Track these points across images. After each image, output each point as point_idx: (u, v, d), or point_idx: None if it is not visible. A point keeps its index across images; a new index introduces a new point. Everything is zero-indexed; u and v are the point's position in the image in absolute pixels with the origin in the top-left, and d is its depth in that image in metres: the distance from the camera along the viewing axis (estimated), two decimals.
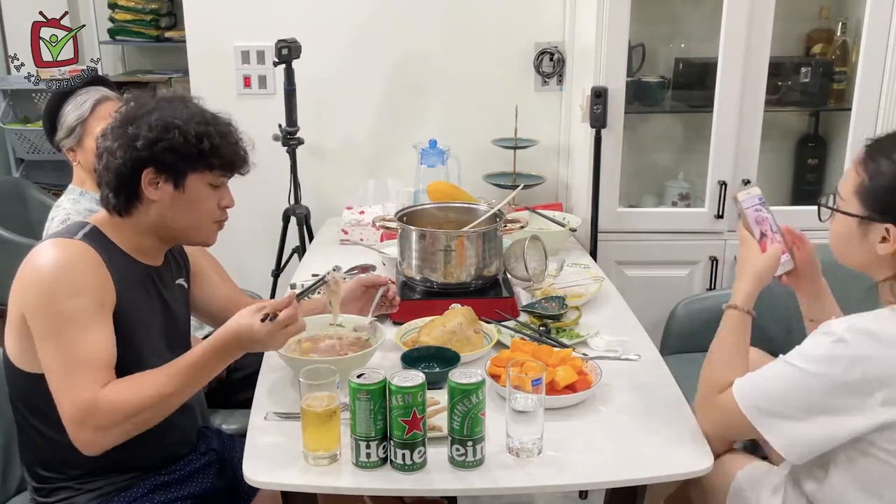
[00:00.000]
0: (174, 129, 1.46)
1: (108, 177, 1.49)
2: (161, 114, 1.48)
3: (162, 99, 1.53)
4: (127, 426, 1.39)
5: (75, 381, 1.37)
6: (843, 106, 2.73)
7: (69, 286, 1.40)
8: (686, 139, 3.00)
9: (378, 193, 2.85)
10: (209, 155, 1.50)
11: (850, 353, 1.27)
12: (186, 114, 1.49)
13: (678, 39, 2.93)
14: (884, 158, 1.33)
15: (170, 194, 1.50)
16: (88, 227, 1.51)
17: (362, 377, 1.36)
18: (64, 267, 1.42)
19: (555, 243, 2.43)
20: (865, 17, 2.52)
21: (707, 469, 1.39)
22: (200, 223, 1.57)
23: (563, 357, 1.63)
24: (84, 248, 1.45)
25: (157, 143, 1.46)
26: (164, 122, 1.46)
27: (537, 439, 1.41)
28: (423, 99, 3.00)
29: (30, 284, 1.42)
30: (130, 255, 1.54)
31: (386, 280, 1.92)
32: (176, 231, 1.56)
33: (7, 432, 1.65)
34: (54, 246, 1.45)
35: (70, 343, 1.38)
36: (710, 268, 2.73)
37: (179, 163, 1.49)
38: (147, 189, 1.49)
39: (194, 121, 1.49)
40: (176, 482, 1.59)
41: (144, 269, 1.56)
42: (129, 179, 1.48)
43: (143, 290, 1.55)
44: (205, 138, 1.49)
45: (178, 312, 1.66)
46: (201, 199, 1.54)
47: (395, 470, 1.37)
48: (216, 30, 2.93)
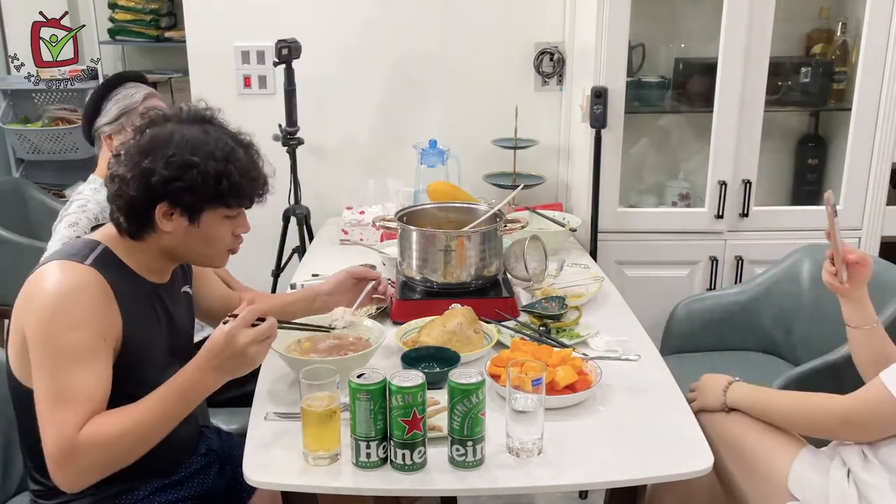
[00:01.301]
0: (192, 169, 1.40)
1: (119, 203, 1.44)
2: (178, 147, 1.41)
3: (181, 123, 1.46)
4: (108, 462, 1.37)
5: (60, 419, 1.34)
6: (843, 106, 2.73)
7: (71, 319, 1.36)
8: (686, 139, 3.00)
9: (378, 193, 2.85)
10: (227, 195, 1.46)
11: None
12: (206, 148, 1.43)
13: (678, 39, 2.93)
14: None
15: (184, 227, 1.46)
16: (100, 248, 1.46)
17: (362, 377, 1.36)
18: (67, 297, 1.37)
19: (555, 243, 2.43)
20: (865, 17, 2.53)
21: (707, 469, 1.39)
22: (212, 252, 1.54)
23: (563, 357, 1.63)
24: (92, 277, 1.40)
25: (173, 182, 1.41)
26: (181, 161, 1.40)
27: (537, 439, 1.41)
28: (423, 99, 3.00)
29: (32, 308, 1.39)
30: (140, 274, 1.51)
31: (377, 275, 1.89)
32: (187, 257, 1.55)
33: (7, 432, 1.65)
34: (63, 270, 1.40)
35: (62, 378, 1.35)
36: (710, 268, 2.73)
37: (196, 201, 1.44)
38: (161, 221, 1.45)
39: (213, 157, 1.42)
40: (176, 483, 1.59)
41: (153, 288, 1.54)
42: (142, 210, 1.44)
43: (150, 310, 1.53)
44: (224, 178, 1.43)
45: (182, 324, 1.64)
46: (215, 233, 1.50)
47: (395, 470, 1.37)
48: (216, 30, 2.93)
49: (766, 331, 2.41)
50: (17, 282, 1.47)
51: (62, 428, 1.33)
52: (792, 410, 1.60)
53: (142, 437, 1.38)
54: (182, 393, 1.39)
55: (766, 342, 2.43)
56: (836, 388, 1.57)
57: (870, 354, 1.63)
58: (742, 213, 2.68)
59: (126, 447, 1.37)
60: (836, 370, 1.75)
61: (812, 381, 1.89)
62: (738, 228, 2.71)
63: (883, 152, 2.63)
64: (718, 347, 2.43)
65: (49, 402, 1.35)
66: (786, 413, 1.60)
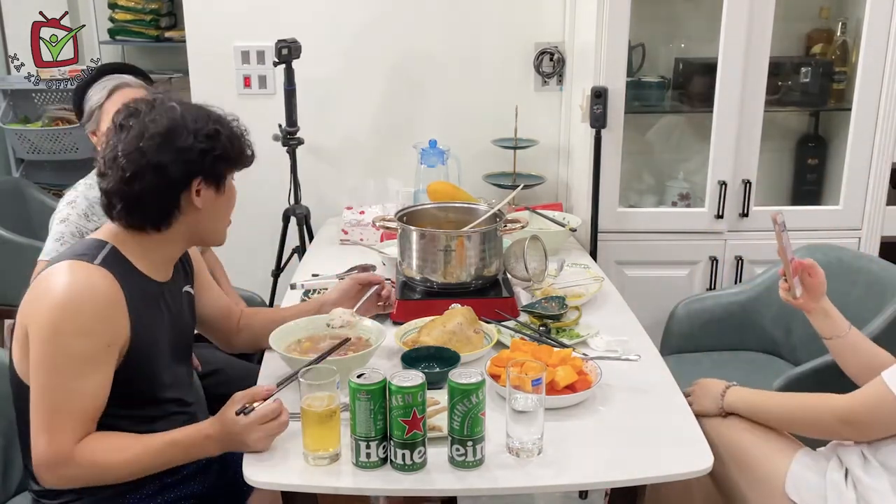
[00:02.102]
0: (220, 135, 1.48)
1: (151, 196, 1.44)
2: (197, 122, 1.46)
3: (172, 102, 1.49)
4: (94, 481, 1.42)
5: (55, 428, 1.35)
6: (843, 106, 2.73)
7: (77, 324, 1.36)
8: (686, 139, 3.00)
9: (378, 193, 2.85)
10: (244, 153, 1.54)
11: None
12: (214, 114, 1.50)
13: (678, 39, 2.93)
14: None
15: (212, 199, 1.51)
16: (108, 248, 1.46)
17: (362, 377, 1.36)
18: (77, 301, 1.37)
19: (555, 243, 2.43)
20: (865, 17, 2.53)
21: (707, 469, 1.39)
22: (223, 226, 1.59)
23: (563, 357, 1.63)
24: (103, 279, 1.40)
25: (209, 153, 1.46)
26: (208, 130, 1.46)
27: (537, 439, 1.41)
28: (423, 99, 3.00)
29: (39, 309, 1.38)
30: (145, 274, 1.51)
31: (380, 279, 1.92)
32: (204, 235, 1.57)
33: (7, 433, 1.64)
34: (72, 271, 1.39)
35: (62, 385, 1.36)
36: (710, 268, 2.73)
37: (223, 167, 1.50)
38: (192, 199, 1.48)
39: (221, 123, 1.50)
40: (176, 483, 1.59)
41: (157, 287, 1.54)
42: (176, 193, 1.46)
43: (156, 309, 1.54)
44: (236, 139, 1.52)
45: (184, 323, 1.65)
46: (231, 198, 1.57)
47: (395, 470, 1.37)
48: (216, 30, 2.93)
49: (766, 331, 2.41)
50: (18, 282, 1.48)
51: (58, 438, 1.35)
52: (792, 411, 1.60)
53: (134, 472, 1.44)
54: (185, 450, 1.44)
55: (766, 342, 2.43)
56: (836, 387, 1.57)
57: (862, 361, 1.64)
58: (742, 213, 2.68)
59: (116, 475, 1.43)
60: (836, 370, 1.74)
61: (812, 381, 1.89)
62: (738, 228, 2.71)
63: (883, 152, 2.63)
64: (718, 347, 2.43)
65: (45, 409, 1.36)
66: (785, 414, 1.60)
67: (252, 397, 1.43)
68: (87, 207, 2.08)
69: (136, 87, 2.15)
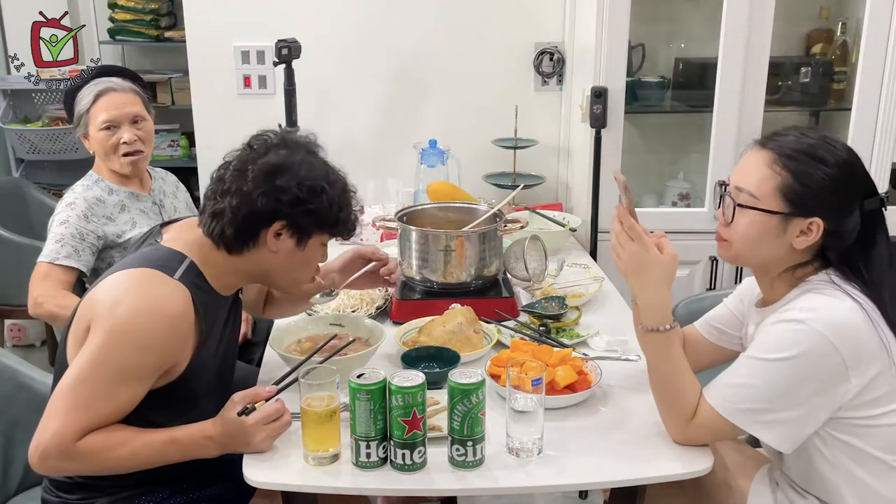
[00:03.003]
0: (322, 194, 1.46)
1: (233, 216, 1.44)
2: (309, 171, 1.46)
3: (308, 150, 1.52)
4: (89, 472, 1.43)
5: (71, 421, 1.34)
6: (843, 106, 2.73)
7: (141, 340, 1.36)
8: (686, 139, 3.00)
9: (378, 193, 2.84)
10: (340, 224, 1.52)
11: (813, 334, 1.32)
12: (331, 176, 1.50)
13: (678, 39, 2.93)
14: (807, 158, 1.39)
15: (289, 248, 1.49)
16: (187, 262, 1.46)
17: (362, 377, 1.36)
18: (147, 317, 1.36)
19: (555, 243, 2.43)
20: (865, 17, 2.52)
21: (707, 469, 1.39)
22: (301, 277, 1.58)
23: (563, 357, 1.63)
24: (180, 298, 1.40)
25: (304, 204, 1.45)
26: (313, 185, 1.45)
27: (537, 439, 1.41)
28: (423, 99, 3.00)
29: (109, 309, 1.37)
30: (217, 290, 1.51)
31: (384, 255, 1.92)
32: (274, 278, 1.56)
33: (7, 432, 1.65)
34: (151, 284, 1.39)
35: (99, 387, 1.35)
36: (710, 268, 2.73)
37: (312, 225, 1.49)
38: (270, 239, 1.47)
39: (337, 186, 1.50)
40: (192, 489, 1.59)
41: (225, 302, 1.55)
42: (257, 226, 1.46)
43: (222, 327, 1.55)
44: (344, 208, 1.51)
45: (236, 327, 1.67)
46: (313, 258, 1.55)
47: (395, 470, 1.37)
48: (216, 30, 2.92)
49: None
50: (17, 282, 1.47)
51: (66, 428, 1.34)
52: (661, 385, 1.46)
53: (130, 468, 1.43)
54: (183, 449, 1.43)
55: None
56: None
57: None
58: None
59: (113, 469, 1.42)
60: None
61: None
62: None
63: (883, 152, 2.63)
64: None
65: (73, 396, 1.35)
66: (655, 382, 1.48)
67: (253, 398, 1.42)
68: (86, 209, 2.08)
69: (122, 91, 2.15)
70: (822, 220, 1.38)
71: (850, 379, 1.33)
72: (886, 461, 1.38)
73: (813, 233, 1.39)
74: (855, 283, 1.39)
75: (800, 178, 1.38)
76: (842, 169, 1.38)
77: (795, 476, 1.48)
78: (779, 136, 1.44)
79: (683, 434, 1.43)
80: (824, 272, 1.42)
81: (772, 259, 1.45)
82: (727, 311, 1.69)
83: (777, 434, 1.36)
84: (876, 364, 1.34)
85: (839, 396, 1.34)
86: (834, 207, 1.38)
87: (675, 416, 1.44)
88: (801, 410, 1.34)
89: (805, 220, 1.39)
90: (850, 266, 1.40)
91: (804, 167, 1.38)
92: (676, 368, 1.44)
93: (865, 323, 1.33)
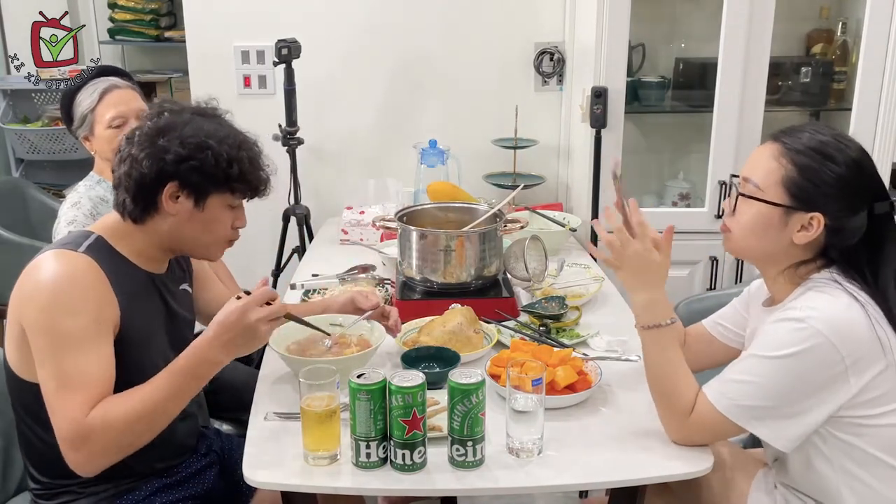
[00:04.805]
0: (206, 150, 1.45)
1: (128, 183, 1.46)
2: (194, 130, 1.46)
3: (197, 112, 1.52)
4: (122, 444, 1.38)
5: (68, 404, 1.35)
6: (843, 106, 2.73)
7: (67, 305, 1.38)
8: (686, 139, 3.00)
9: (378, 193, 2.85)
10: (236, 179, 1.50)
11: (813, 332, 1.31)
12: (220, 133, 1.48)
13: (678, 39, 2.93)
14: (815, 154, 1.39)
15: (188, 210, 1.49)
16: (93, 237, 1.48)
17: (362, 377, 1.36)
18: (63, 284, 1.39)
19: (555, 243, 2.43)
20: (865, 17, 2.52)
21: (707, 469, 1.39)
22: (211, 241, 1.56)
23: (563, 357, 1.63)
24: (86, 263, 1.42)
25: (187, 161, 1.45)
26: (197, 141, 1.45)
27: (537, 439, 1.41)
28: (423, 99, 3.00)
29: (29, 299, 1.40)
30: (135, 263, 1.52)
31: (376, 303, 1.83)
32: (185, 245, 1.56)
33: (7, 433, 1.64)
34: (56, 259, 1.42)
35: (65, 364, 1.36)
36: (710, 268, 2.73)
37: (205, 183, 1.48)
38: (166, 202, 1.47)
39: (227, 142, 1.48)
40: (177, 484, 1.59)
41: (149, 276, 1.55)
42: (150, 190, 1.46)
43: (147, 299, 1.54)
44: (235, 163, 1.48)
45: (183, 317, 1.65)
46: (217, 219, 1.53)
47: (395, 470, 1.37)
48: (216, 30, 2.93)
49: None
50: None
51: (70, 411, 1.34)
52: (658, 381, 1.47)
53: (153, 417, 1.39)
54: (191, 369, 1.40)
55: None
56: None
57: None
58: None
59: (138, 428, 1.39)
60: None
61: None
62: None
63: (883, 152, 2.63)
64: None
65: (55, 388, 1.36)
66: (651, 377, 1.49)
67: None
68: (91, 207, 2.07)
69: (125, 89, 2.15)
70: (823, 216, 1.38)
71: (849, 378, 1.33)
72: (887, 461, 1.38)
73: (814, 228, 1.39)
74: (857, 282, 1.39)
75: (804, 173, 1.39)
76: (850, 168, 1.39)
77: (795, 477, 1.48)
78: (794, 131, 1.44)
79: (681, 432, 1.43)
80: (827, 270, 1.42)
81: (773, 253, 1.45)
82: (733, 309, 1.70)
83: (776, 431, 1.36)
84: (876, 363, 1.34)
85: (839, 395, 1.34)
86: (838, 205, 1.38)
87: (673, 413, 1.43)
88: (801, 408, 1.34)
89: (806, 215, 1.39)
90: (854, 266, 1.41)
91: (810, 162, 1.39)
92: (674, 365, 1.45)
93: (866, 322, 1.33)
